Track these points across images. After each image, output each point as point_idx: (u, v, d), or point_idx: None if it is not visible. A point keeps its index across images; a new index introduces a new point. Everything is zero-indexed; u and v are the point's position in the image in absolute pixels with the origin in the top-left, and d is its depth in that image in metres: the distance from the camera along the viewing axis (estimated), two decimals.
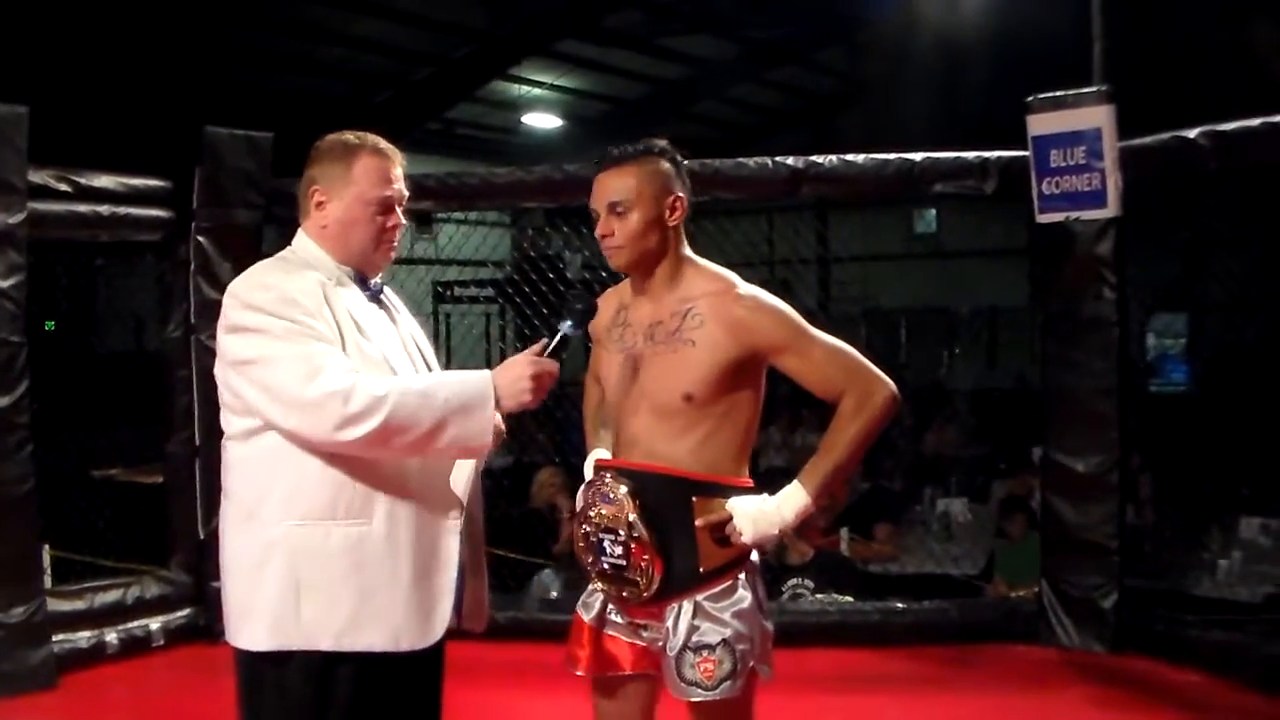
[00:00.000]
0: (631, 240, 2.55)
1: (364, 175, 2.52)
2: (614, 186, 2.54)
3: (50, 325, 9.84)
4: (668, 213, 2.57)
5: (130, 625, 5.27)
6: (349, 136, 2.56)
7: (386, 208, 2.54)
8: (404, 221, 2.60)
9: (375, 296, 2.59)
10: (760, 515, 2.50)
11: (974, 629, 5.38)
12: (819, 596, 5.70)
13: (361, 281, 2.56)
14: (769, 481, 2.65)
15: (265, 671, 2.41)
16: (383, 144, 2.58)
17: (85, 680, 4.93)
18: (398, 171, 2.58)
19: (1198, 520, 7.14)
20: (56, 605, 5.01)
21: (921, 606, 5.54)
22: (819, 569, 5.91)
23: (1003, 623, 5.42)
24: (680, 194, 2.59)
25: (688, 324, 2.55)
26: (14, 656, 4.67)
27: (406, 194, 2.60)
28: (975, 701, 4.70)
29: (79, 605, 5.16)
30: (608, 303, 2.70)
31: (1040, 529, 5.55)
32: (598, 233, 2.57)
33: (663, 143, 2.62)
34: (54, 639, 4.86)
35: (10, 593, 4.70)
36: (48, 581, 5.23)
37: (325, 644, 2.38)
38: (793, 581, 5.83)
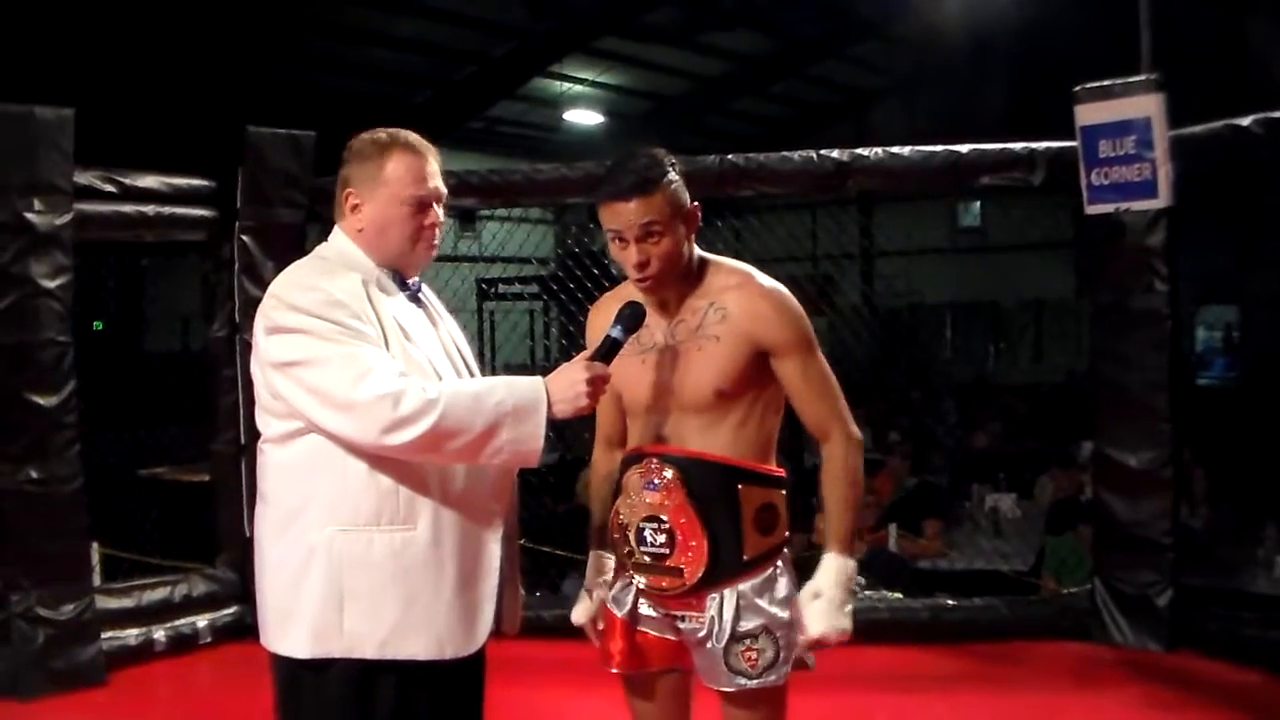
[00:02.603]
0: (667, 264, 2.49)
1: (397, 175, 2.45)
2: (643, 213, 2.44)
3: (99, 325, 9.95)
4: (688, 224, 2.54)
5: (178, 623, 5.29)
6: (380, 134, 2.49)
7: (423, 206, 2.47)
8: (443, 219, 2.53)
9: (414, 296, 2.54)
10: (830, 612, 2.48)
11: (1025, 626, 5.31)
12: (869, 593, 5.66)
13: (401, 282, 2.51)
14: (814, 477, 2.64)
15: (305, 678, 2.37)
16: (415, 140, 2.50)
17: (134, 677, 4.95)
18: (432, 167, 2.49)
19: (1253, 516, 7.04)
20: (105, 603, 5.04)
21: (971, 603, 5.47)
22: (871, 566, 5.87)
23: (1055, 620, 5.34)
24: (695, 202, 2.56)
25: (710, 319, 2.52)
26: (64, 653, 4.71)
27: (444, 190, 2.53)
28: (1027, 700, 4.64)
29: (127, 603, 5.19)
30: (612, 309, 2.60)
31: (1092, 525, 5.47)
32: (632, 261, 2.47)
33: (664, 153, 2.53)
34: (103, 636, 4.89)
35: (60, 590, 4.74)
36: (97, 579, 5.28)
37: (368, 653, 2.34)
38: None
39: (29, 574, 4.67)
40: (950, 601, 5.51)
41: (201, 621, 5.36)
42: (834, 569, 2.49)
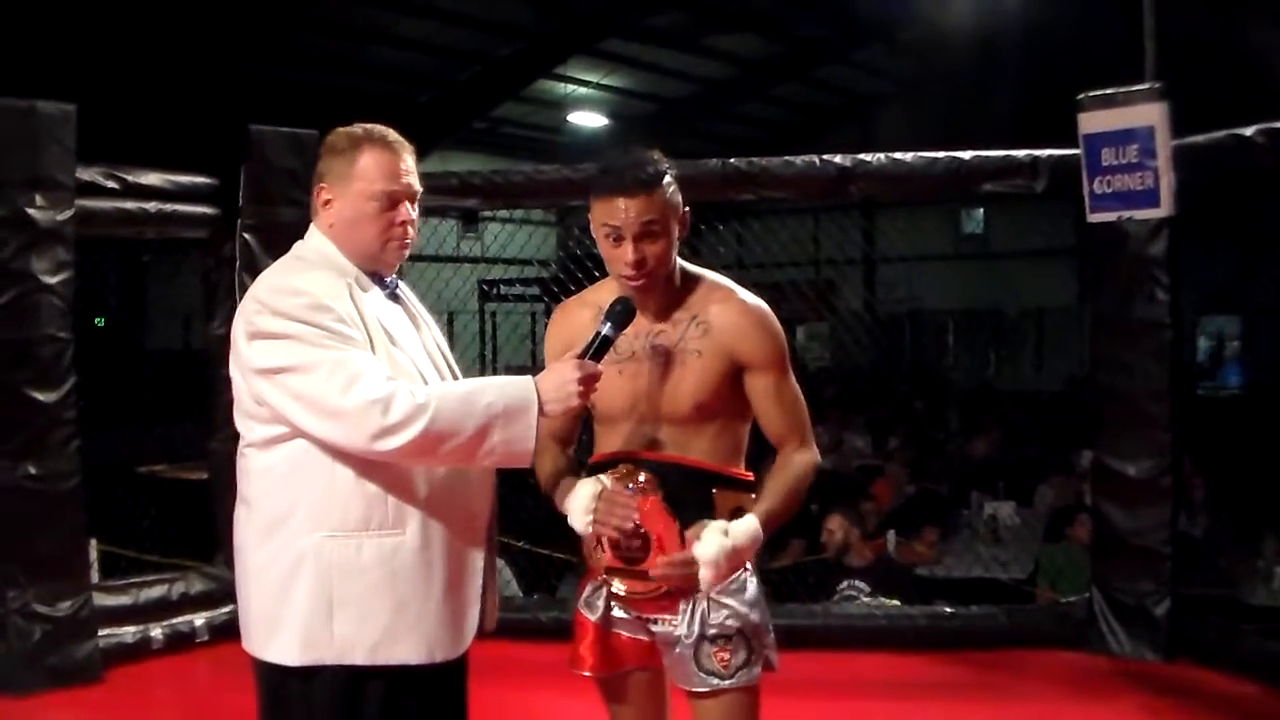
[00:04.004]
0: (660, 264, 2.48)
1: (367, 170, 2.40)
2: (644, 210, 2.44)
3: (100, 321, 9.95)
4: (681, 227, 2.53)
5: (175, 621, 5.27)
6: (356, 130, 2.46)
7: (392, 202, 2.42)
8: (413, 217, 2.46)
9: (393, 294, 2.51)
10: (722, 554, 2.43)
11: (1023, 635, 5.30)
12: (866, 600, 5.65)
13: (379, 280, 2.48)
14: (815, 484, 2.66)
15: (292, 685, 2.35)
16: (391, 136, 2.46)
17: (130, 675, 4.94)
18: (405, 165, 2.44)
19: (1251, 527, 7.03)
20: (103, 600, 5.02)
21: (970, 611, 5.46)
22: (870, 573, 5.86)
23: (1052, 629, 5.33)
24: (686, 207, 2.55)
25: (692, 333, 2.52)
26: (61, 650, 4.70)
27: (418, 188, 2.48)
28: (1024, 709, 4.63)
29: (125, 600, 5.17)
30: (577, 315, 2.60)
31: (1091, 534, 5.46)
32: (627, 259, 2.45)
33: (660, 155, 2.53)
34: (100, 633, 4.88)
35: (57, 587, 4.73)
36: (95, 576, 5.27)
37: (358, 659, 2.33)
38: (844, 584, 5.78)
39: (26, 570, 4.66)
40: (948, 609, 5.50)
41: (199, 620, 5.34)
42: (751, 528, 2.46)
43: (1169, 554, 5.03)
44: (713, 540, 2.43)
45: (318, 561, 2.32)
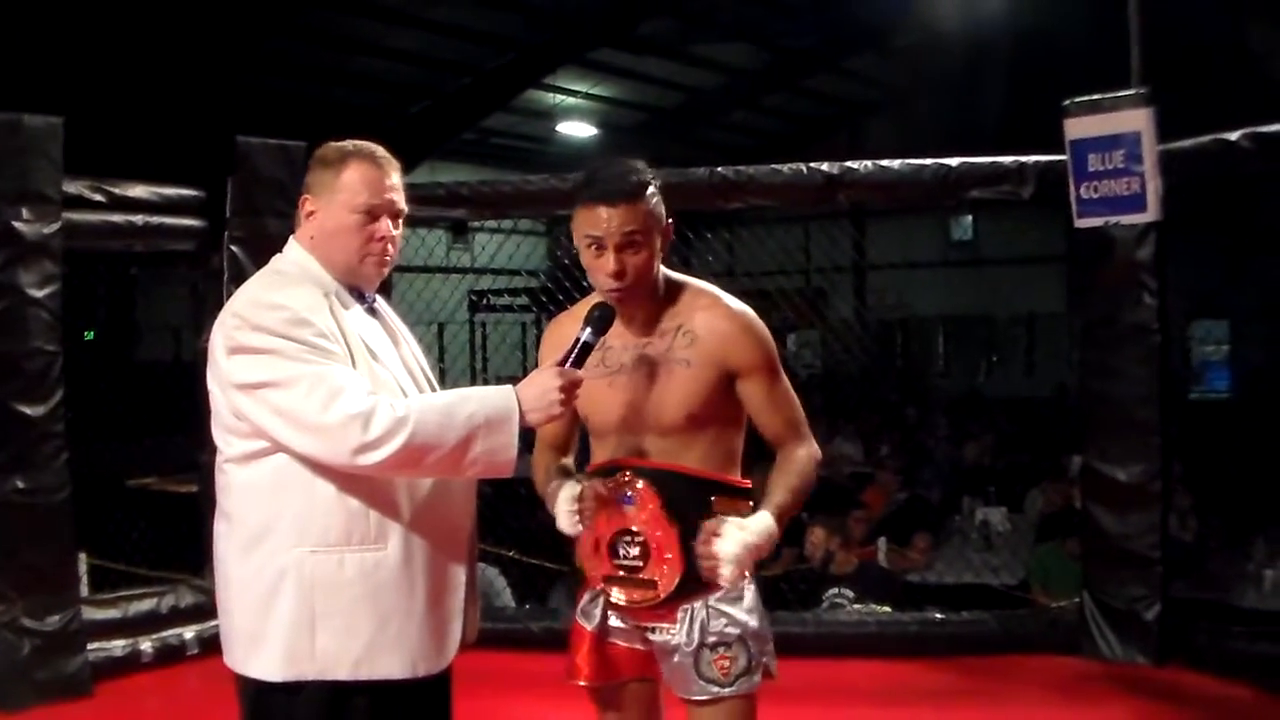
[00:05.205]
0: (642, 275, 2.47)
1: (351, 182, 2.41)
2: (626, 220, 2.43)
3: (90, 335, 9.92)
4: (664, 238, 2.53)
5: (165, 634, 5.26)
6: (346, 145, 2.47)
7: (373, 216, 2.42)
8: (393, 234, 2.46)
9: (371, 308, 2.51)
10: (743, 549, 2.41)
11: (1014, 640, 5.30)
12: (856, 607, 5.65)
13: (359, 295, 2.48)
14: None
15: (275, 701, 2.34)
16: (379, 153, 2.47)
17: (120, 689, 4.92)
18: (391, 181, 2.45)
19: (1241, 531, 7.04)
20: (92, 614, 5.01)
21: (960, 618, 5.46)
22: (860, 580, 5.86)
23: (1044, 634, 5.33)
24: (669, 218, 2.54)
25: (679, 343, 2.51)
26: (49, 664, 4.68)
27: (401, 206, 2.47)
28: (1016, 714, 4.64)
29: (114, 614, 5.16)
30: (570, 328, 2.55)
31: (1081, 539, 5.47)
32: (608, 270, 2.44)
33: (644, 165, 2.53)
34: (89, 647, 4.86)
35: (46, 601, 4.71)
36: (84, 590, 5.25)
37: (341, 674, 2.32)
38: (832, 591, 5.78)
39: (15, 584, 4.64)
40: (939, 615, 5.51)
41: (189, 633, 5.33)
42: (767, 524, 2.45)
43: (1159, 558, 5.04)
44: (734, 536, 2.42)
45: (299, 576, 2.31)
